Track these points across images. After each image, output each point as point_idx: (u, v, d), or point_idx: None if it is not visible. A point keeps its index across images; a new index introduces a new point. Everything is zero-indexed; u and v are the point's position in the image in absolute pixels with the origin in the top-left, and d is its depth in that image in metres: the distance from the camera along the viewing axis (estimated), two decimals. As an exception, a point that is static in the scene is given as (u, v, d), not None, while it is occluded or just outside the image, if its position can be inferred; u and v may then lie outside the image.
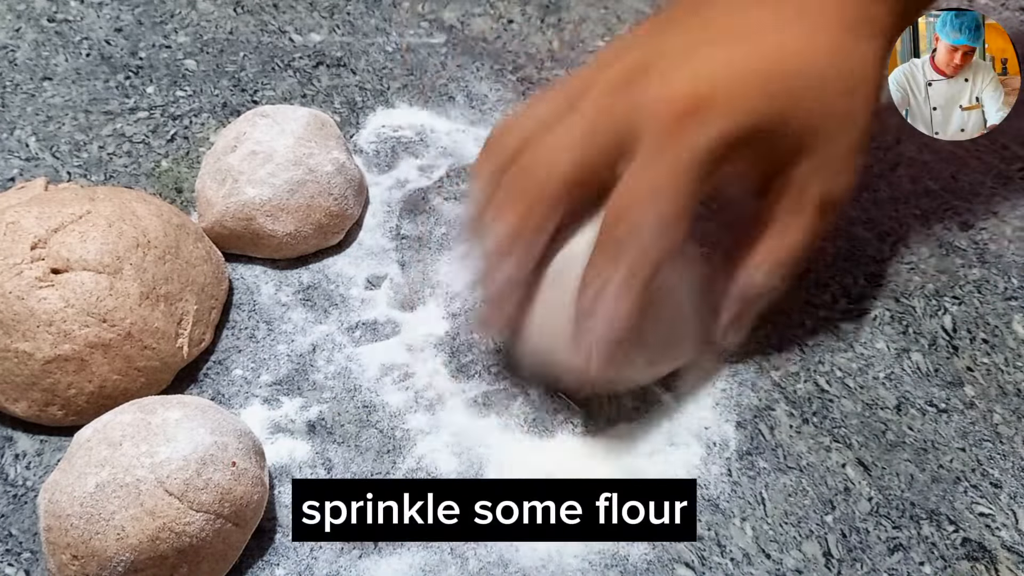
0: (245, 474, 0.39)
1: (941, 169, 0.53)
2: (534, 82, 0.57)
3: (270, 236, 0.48)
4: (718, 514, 0.41)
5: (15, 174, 0.53)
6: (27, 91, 0.57)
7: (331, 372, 0.46)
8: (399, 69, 0.58)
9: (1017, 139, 0.54)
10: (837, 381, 0.45)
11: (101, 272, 0.43)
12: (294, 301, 0.48)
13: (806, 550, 0.40)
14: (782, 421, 0.44)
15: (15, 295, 0.42)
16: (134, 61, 0.59)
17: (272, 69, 0.58)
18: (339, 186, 0.49)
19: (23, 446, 0.44)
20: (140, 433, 0.38)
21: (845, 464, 0.43)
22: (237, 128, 0.50)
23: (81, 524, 0.37)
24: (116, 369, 0.43)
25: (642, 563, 0.40)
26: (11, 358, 0.42)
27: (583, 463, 0.43)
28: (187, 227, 0.47)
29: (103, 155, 0.54)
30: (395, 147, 0.55)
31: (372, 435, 0.44)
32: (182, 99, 0.57)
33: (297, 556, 0.40)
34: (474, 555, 0.40)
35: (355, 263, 0.50)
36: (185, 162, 0.54)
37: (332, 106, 0.57)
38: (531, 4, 0.62)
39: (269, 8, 0.62)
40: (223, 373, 0.46)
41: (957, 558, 0.40)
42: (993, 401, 0.45)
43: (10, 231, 0.43)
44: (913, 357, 0.46)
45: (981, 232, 0.50)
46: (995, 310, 0.48)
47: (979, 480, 0.42)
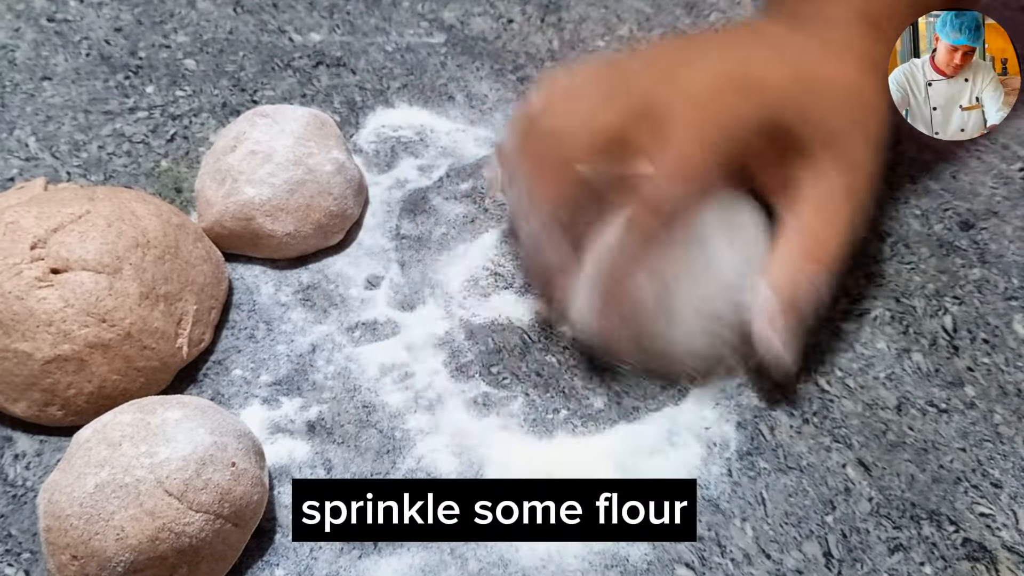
0: (245, 474, 0.39)
1: (941, 169, 0.53)
2: (534, 82, 0.57)
3: (270, 236, 0.48)
4: (718, 514, 0.41)
5: (15, 174, 0.53)
6: (27, 91, 0.57)
7: (331, 372, 0.46)
8: (399, 69, 0.58)
9: (1017, 139, 0.54)
10: (837, 381, 0.45)
11: (101, 272, 0.43)
12: (294, 301, 0.48)
13: (806, 550, 0.40)
14: (782, 421, 0.44)
15: (14, 295, 0.42)
16: (134, 61, 0.59)
17: (272, 69, 0.58)
18: (339, 186, 0.49)
19: (23, 446, 0.44)
20: (140, 433, 0.38)
21: (845, 464, 0.43)
22: (237, 128, 0.50)
23: (81, 524, 0.37)
24: (116, 369, 0.43)
25: (642, 563, 0.40)
26: (11, 358, 0.42)
27: (583, 463, 0.43)
28: (187, 227, 0.47)
29: (103, 155, 0.54)
30: (395, 147, 0.55)
31: (372, 435, 0.44)
32: (182, 99, 0.57)
33: (297, 556, 0.40)
34: (474, 555, 0.40)
35: (355, 263, 0.50)
36: (185, 162, 0.54)
37: (332, 106, 0.56)
38: (531, 4, 0.62)
39: (269, 8, 0.62)
40: (223, 373, 0.46)
41: (957, 558, 0.40)
42: (993, 401, 0.45)
43: (10, 231, 0.43)
44: (913, 357, 0.46)
45: (981, 232, 0.50)
46: (995, 310, 0.48)
47: (979, 480, 0.42)
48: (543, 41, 0.60)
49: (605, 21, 0.61)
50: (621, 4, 0.62)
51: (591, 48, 0.59)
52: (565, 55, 0.59)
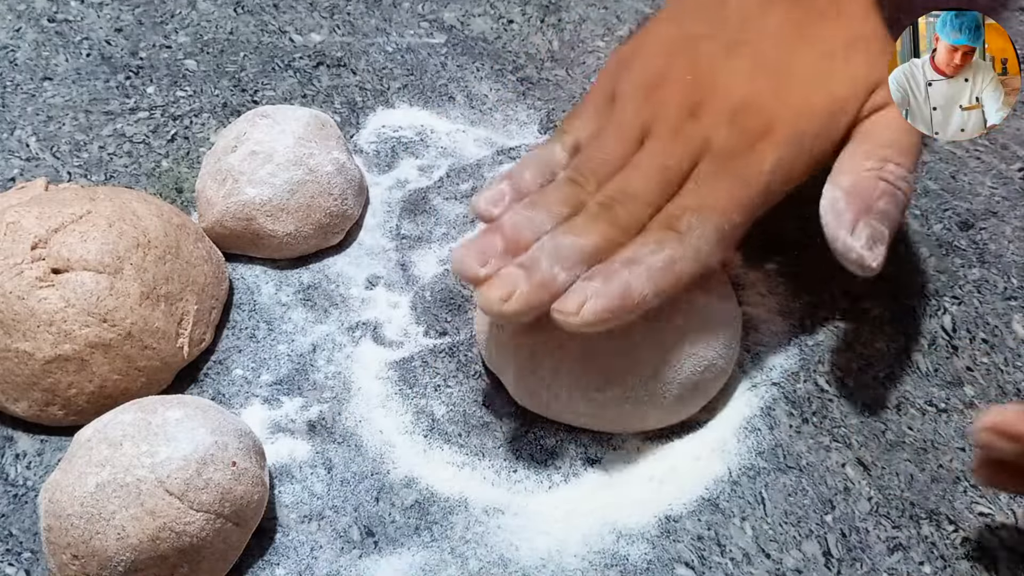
0: (245, 474, 0.39)
1: (941, 169, 0.53)
2: (534, 82, 0.58)
3: (270, 236, 0.48)
4: (718, 513, 0.41)
5: (15, 174, 0.53)
6: (27, 91, 0.57)
7: (331, 372, 0.46)
8: (399, 69, 0.58)
9: (1016, 139, 0.54)
10: (837, 381, 0.45)
11: (101, 272, 0.43)
12: (294, 301, 0.48)
13: (806, 550, 0.40)
14: (782, 421, 0.44)
15: (15, 295, 0.42)
16: (134, 61, 0.59)
17: (272, 69, 0.58)
18: (339, 186, 0.49)
19: (23, 446, 0.44)
20: (140, 433, 0.38)
21: (845, 464, 0.43)
22: (237, 128, 0.50)
23: (81, 524, 0.37)
24: (116, 369, 0.43)
25: (642, 562, 0.40)
26: (11, 358, 0.42)
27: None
28: (187, 227, 0.47)
29: (103, 155, 0.54)
30: (395, 147, 0.55)
31: (372, 435, 0.44)
32: (182, 99, 0.57)
33: (297, 556, 0.40)
34: (474, 555, 0.40)
35: (355, 263, 0.50)
36: (185, 162, 0.54)
37: (332, 106, 0.57)
38: (531, 4, 0.62)
39: (269, 8, 0.62)
40: (223, 373, 0.46)
41: (957, 558, 0.40)
42: (993, 401, 0.45)
43: (10, 231, 0.43)
44: (913, 357, 0.46)
45: (981, 232, 0.50)
46: (995, 310, 0.48)
47: (979, 480, 0.42)
48: (543, 41, 0.60)
49: (605, 21, 0.61)
50: (621, 4, 0.62)
51: (591, 48, 0.59)
52: (565, 55, 0.59)
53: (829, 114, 0.42)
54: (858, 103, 0.43)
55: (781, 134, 0.42)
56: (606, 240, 0.40)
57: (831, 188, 0.41)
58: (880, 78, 0.42)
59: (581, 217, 0.40)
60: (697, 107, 0.42)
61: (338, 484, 0.42)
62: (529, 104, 0.56)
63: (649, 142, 0.42)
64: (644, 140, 0.42)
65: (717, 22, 0.45)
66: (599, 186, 0.41)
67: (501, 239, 0.40)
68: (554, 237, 0.40)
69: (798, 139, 0.42)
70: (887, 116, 0.42)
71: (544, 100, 0.57)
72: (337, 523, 0.41)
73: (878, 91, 0.42)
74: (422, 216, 0.52)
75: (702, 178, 0.41)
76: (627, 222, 0.40)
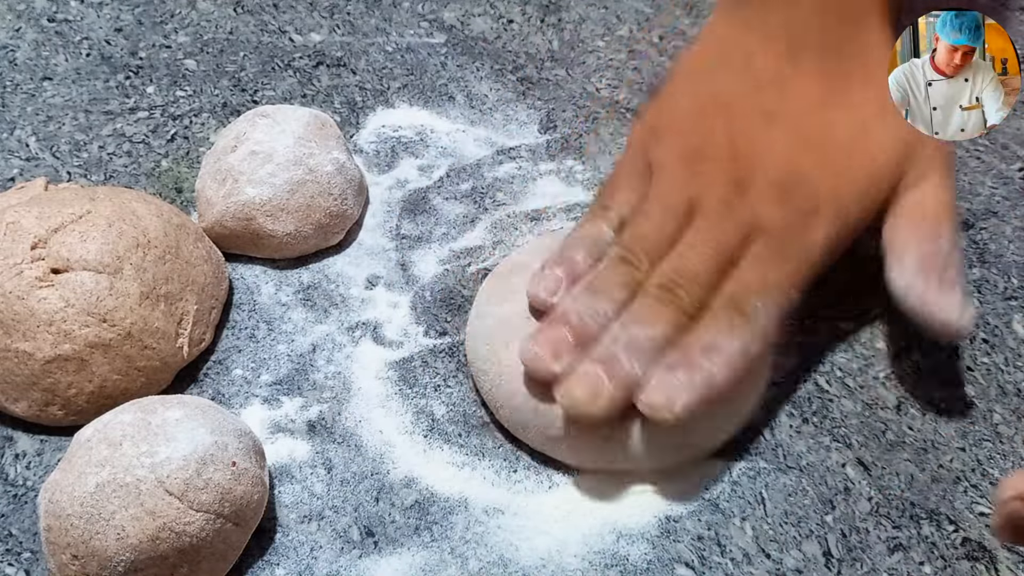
0: (245, 474, 0.39)
1: (941, 169, 0.53)
2: (534, 82, 0.58)
3: (270, 236, 0.48)
4: (717, 513, 0.41)
5: (15, 174, 0.53)
6: (27, 91, 0.57)
7: (331, 372, 0.46)
8: (399, 69, 0.58)
9: (1017, 139, 0.54)
10: (837, 381, 0.45)
11: (101, 272, 0.43)
12: (294, 301, 0.48)
13: (806, 550, 0.40)
14: (782, 421, 0.44)
15: (15, 295, 0.42)
16: (134, 61, 0.59)
17: (272, 69, 0.58)
18: (339, 186, 0.49)
19: (23, 446, 0.44)
20: (140, 433, 0.38)
21: (845, 464, 0.43)
22: (237, 128, 0.50)
23: (81, 524, 0.37)
24: (116, 369, 0.43)
25: (642, 562, 0.40)
26: (11, 358, 0.42)
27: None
28: (187, 227, 0.47)
29: (103, 155, 0.54)
30: (395, 147, 0.55)
31: (372, 434, 0.44)
32: (182, 99, 0.57)
33: (297, 556, 0.40)
34: (474, 555, 0.40)
35: (355, 263, 0.50)
36: (185, 162, 0.54)
37: (332, 106, 0.57)
38: (531, 4, 0.62)
39: (269, 8, 0.62)
40: (223, 373, 0.46)
41: (957, 558, 0.40)
42: (993, 401, 0.45)
43: (10, 231, 0.43)
44: (913, 357, 0.46)
45: (981, 232, 0.50)
46: (995, 310, 0.48)
47: (979, 480, 0.42)
48: (543, 41, 0.60)
49: (605, 21, 0.61)
50: (621, 4, 0.62)
51: (591, 48, 0.59)
52: (565, 55, 0.59)
53: (870, 182, 0.43)
54: (897, 168, 0.43)
55: (829, 209, 0.43)
56: (675, 328, 0.40)
57: (899, 271, 0.42)
58: (915, 138, 0.42)
59: (645, 302, 0.41)
60: (742, 182, 0.43)
61: (338, 484, 0.42)
62: (529, 104, 0.56)
63: (699, 220, 0.42)
64: (691, 215, 0.43)
65: (747, 82, 0.45)
66: (652, 264, 0.42)
67: (570, 331, 0.40)
68: (625, 328, 0.40)
69: (844, 212, 0.43)
70: (931, 183, 0.44)
71: (544, 100, 0.57)
72: (337, 523, 0.41)
73: (914, 156, 0.43)
74: (422, 216, 0.52)
75: (760, 259, 0.42)
76: (690, 305, 0.41)
